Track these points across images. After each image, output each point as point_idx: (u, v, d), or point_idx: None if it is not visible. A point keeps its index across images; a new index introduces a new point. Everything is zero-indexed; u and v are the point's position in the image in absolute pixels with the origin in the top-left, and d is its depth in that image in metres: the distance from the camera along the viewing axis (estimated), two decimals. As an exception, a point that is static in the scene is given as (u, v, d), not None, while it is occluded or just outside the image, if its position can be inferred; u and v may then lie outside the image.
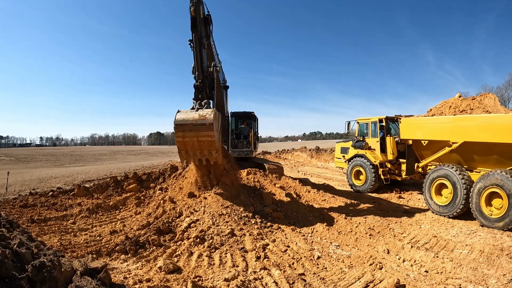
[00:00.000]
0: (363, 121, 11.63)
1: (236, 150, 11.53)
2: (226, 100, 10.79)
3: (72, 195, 9.64)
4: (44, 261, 2.27)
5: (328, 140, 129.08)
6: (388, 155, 10.59)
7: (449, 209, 7.48)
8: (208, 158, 7.08)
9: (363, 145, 11.12)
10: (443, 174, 7.78)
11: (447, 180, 7.66)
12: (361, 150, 11.14)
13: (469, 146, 7.47)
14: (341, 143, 13.00)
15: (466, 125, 7.47)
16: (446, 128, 7.87)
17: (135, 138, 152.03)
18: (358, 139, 11.49)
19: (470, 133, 7.30)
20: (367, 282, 4.35)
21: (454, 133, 7.64)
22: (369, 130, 11.32)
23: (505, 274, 4.36)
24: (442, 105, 9.30)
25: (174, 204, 7.75)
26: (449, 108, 8.79)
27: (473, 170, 7.73)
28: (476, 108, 8.21)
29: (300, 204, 8.38)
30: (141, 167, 15.61)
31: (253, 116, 11.99)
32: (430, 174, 8.21)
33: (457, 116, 8.02)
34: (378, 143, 10.84)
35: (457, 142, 7.56)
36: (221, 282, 4.19)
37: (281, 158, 26.11)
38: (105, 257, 5.27)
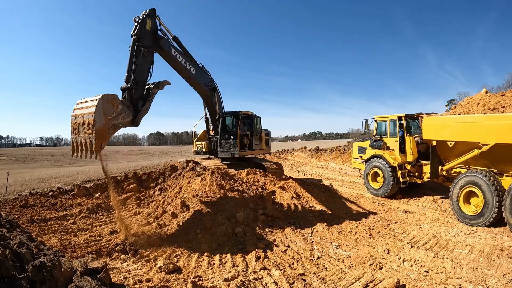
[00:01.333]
0: (382, 119, 10.85)
1: (224, 150, 11.53)
2: (217, 102, 10.84)
3: (72, 195, 9.64)
4: (44, 261, 2.27)
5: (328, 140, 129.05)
6: (408, 156, 9.78)
7: (481, 220, 6.74)
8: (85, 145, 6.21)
9: (381, 145, 10.36)
10: (473, 182, 6.99)
11: (477, 188, 6.89)
12: (379, 151, 10.37)
13: (501, 148, 6.72)
14: (359, 142, 12.14)
15: (499, 125, 6.64)
16: (476, 128, 7.04)
17: (135, 138, 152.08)
18: (376, 138, 10.77)
19: (504, 134, 6.53)
20: (367, 282, 4.35)
21: (485, 133, 6.85)
22: (388, 129, 10.52)
23: (505, 274, 4.35)
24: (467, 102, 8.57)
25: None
26: (477, 105, 8.06)
27: (504, 175, 7.02)
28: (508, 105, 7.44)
29: (300, 204, 8.39)
30: (141, 167, 15.61)
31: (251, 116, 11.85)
32: (457, 181, 7.39)
33: (489, 114, 7.20)
34: (397, 143, 10.06)
35: (489, 143, 6.76)
36: (221, 282, 4.19)
37: (281, 158, 26.10)
38: (105, 257, 5.27)
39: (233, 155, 11.19)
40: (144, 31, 7.85)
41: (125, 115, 6.87)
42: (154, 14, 8.25)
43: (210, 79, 10.61)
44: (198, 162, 11.59)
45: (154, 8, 8.26)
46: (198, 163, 11.30)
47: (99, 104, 6.06)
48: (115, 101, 6.53)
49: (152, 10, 8.20)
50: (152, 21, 8.14)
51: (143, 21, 7.88)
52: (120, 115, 6.69)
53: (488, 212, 6.62)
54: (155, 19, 8.27)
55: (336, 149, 23.69)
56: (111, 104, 6.44)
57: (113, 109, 6.47)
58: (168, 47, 8.72)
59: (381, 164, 10.09)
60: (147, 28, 7.91)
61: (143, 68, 7.84)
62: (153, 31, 8.16)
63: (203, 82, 10.32)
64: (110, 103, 6.38)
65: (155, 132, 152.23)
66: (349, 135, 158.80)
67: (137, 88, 7.59)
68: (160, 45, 8.39)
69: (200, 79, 10.12)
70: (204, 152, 12.55)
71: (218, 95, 11.06)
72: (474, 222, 6.85)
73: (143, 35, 7.82)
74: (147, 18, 7.97)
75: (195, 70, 9.71)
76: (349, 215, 7.81)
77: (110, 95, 6.42)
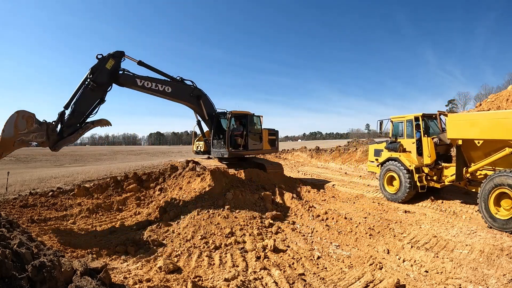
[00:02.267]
0: (398, 119, 10.23)
1: (215, 150, 11.51)
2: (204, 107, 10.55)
3: (72, 195, 9.64)
4: (44, 261, 2.27)
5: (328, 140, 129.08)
6: (425, 158, 9.10)
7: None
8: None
9: (397, 147, 9.74)
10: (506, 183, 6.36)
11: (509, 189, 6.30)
12: (395, 153, 9.76)
13: None
14: (375, 144, 11.60)
15: None
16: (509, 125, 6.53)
17: (135, 138, 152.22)
18: (391, 140, 10.18)
19: None
20: (367, 282, 4.35)
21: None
22: (404, 130, 9.89)
23: (505, 274, 4.35)
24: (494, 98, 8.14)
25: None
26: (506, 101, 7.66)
27: None
28: None
29: (300, 204, 8.39)
30: (141, 167, 15.62)
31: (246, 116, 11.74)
32: (488, 182, 6.74)
33: None
34: (414, 144, 9.40)
35: None
36: (221, 282, 4.19)
37: (281, 158, 26.11)
38: (105, 257, 5.27)
39: (223, 155, 11.15)
40: (102, 68, 7.89)
41: (37, 135, 7.03)
42: (120, 56, 8.23)
43: (191, 90, 10.12)
44: (198, 162, 11.59)
45: (122, 51, 8.25)
46: (198, 163, 11.31)
47: (13, 117, 6.50)
48: (30, 119, 6.79)
49: (119, 52, 8.18)
50: (115, 62, 8.13)
51: (105, 59, 7.94)
52: (32, 133, 6.90)
53: None
54: (119, 60, 8.23)
55: (336, 149, 23.69)
56: (26, 121, 6.72)
57: (26, 125, 6.72)
58: (132, 80, 8.57)
59: (397, 167, 9.45)
60: (106, 67, 7.93)
61: (87, 101, 7.86)
62: (113, 70, 8.12)
63: (182, 96, 9.97)
64: (24, 119, 6.68)
65: (155, 132, 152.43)
66: (349, 135, 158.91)
67: (72, 117, 7.63)
68: (121, 84, 8.38)
69: (178, 94, 9.78)
70: (203, 152, 12.56)
71: (206, 100, 10.65)
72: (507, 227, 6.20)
73: (100, 71, 7.86)
74: (110, 58, 8.00)
75: (171, 88, 9.40)
76: (349, 215, 7.81)
77: (26, 112, 6.72)
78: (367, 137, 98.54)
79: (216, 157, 11.83)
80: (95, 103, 8.06)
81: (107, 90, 8.24)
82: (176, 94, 9.67)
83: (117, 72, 8.24)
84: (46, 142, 7.28)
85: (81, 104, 7.76)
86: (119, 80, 8.30)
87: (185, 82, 10.07)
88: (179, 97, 9.91)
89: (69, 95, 7.68)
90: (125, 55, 8.35)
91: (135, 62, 8.75)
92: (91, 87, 7.74)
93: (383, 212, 8.21)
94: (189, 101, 10.22)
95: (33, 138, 6.99)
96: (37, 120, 6.95)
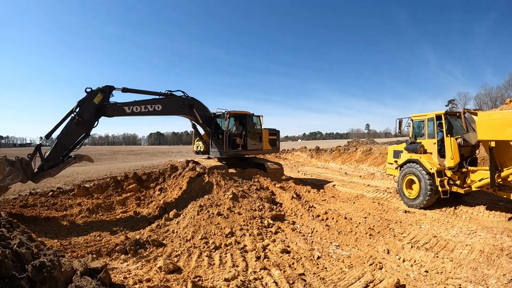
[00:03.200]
0: (418, 118, 9.48)
1: (214, 150, 11.54)
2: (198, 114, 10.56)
3: (72, 195, 9.64)
4: (44, 261, 2.27)
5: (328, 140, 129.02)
6: (447, 160, 8.29)
7: None
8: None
9: (418, 148, 8.97)
10: None
11: None
12: (415, 154, 8.98)
13: None
14: (394, 145, 10.74)
15: None
16: None
17: (135, 138, 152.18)
18: (411, 140, 9.50)
19: None
20: (367, 282, 4.35)
21: None
22: (425, 129, 9.14)
23: (505, 274, 4.35)
24: None
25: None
26: None
27: None
28: None
29: (300, 204, 8.39)
30: (141, 167, 15.61)
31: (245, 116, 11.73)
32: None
33: None
34: (435, 145, 8.63)
35: None
36: (221, 282, 4.19)
37: (281, 158, 26.10)
38: (105, 257, 5.27)
39: (221, 155, 11.18)
40: (89, 103, 7.83)
41: (13, 177, 7.03)
42: (110, 91, 8.19)
43: (182, 101, 10.08)
44: (198, 162, 11.60)
45: (112, 86, 8.23)
46: (198, 163, 11.31)
47: None
48: (1, 165, 6.80)
49: (108, 87, 8.15)
50: (104, 97, 8.06)
51: (93, 93, 7.88)
52: (8, 177, 6.91)
53: None
54: (108, 95, 8.18)
55: (336, 149, 23.69)
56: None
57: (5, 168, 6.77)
58: (120, 110, 8.54)
59: (417, 170, 8.63)
60: (94, 101, 7.88)
61: (72, 136, 7.84)
62: (100, 105, 8.07)
63: (174, 110, 10.01)
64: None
65: (155, 132, 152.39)
66: (349, 135, 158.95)
67: (54, 151, 7.65)
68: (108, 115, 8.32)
69: (169, 109, 9.80)
70: (203, 152, 12.59)
71: (198, 107, 10.61)
72: None
73: (86, 106, 7.79)
74: (99, 92, 7.94)
75: (161, 105, 9.41)
76: (349, 215, 7.80)
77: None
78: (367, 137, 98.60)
79: (215, 157, 11.85)
80: (80, 137, 8.03)
81: (94, 126, 8.18)
82: (167, 110, 9.69)
83: (102, 107, 8.15)
84: (25, 178, 7.29)
85: (65, 139, 7.73)
86: (107, 113, 8.24)
87: (175, 95, 9.98)
88: (171, 112, 9.93)
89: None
90: (114, 88, 8.31)
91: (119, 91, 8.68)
92: (76, 121, 7.67)
93: (383, 212, 8.21)
94: (182, 112, 10.23)
95: (11, 181, 7.01)
96: (8, 161, 6.95)
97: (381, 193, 10.89)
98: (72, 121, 7.70)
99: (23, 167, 7.19)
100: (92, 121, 8.04)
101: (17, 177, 7.07)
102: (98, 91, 7.94)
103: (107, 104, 8.26)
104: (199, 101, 10.68)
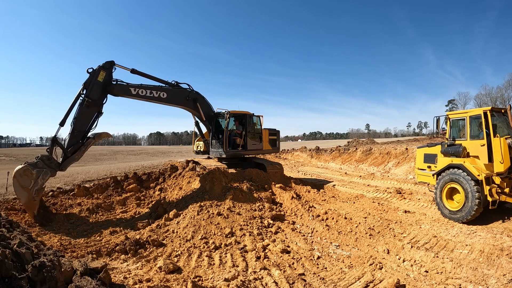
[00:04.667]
0: (457, 115, 8.33)
1: (214, 150, 11.53)
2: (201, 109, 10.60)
3: (72, 195, 9.63)
4: (44, 261, 2.27)
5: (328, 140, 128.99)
6: (496, 164, 7.14)
7: None
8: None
9: (460, 151, 7.70)
10: None
11: None
12: (457, 159, 7.70)
13: None
14: (425, 148, 9.18)
15: None
16: None
17: (135, 138, 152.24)
18: (451, 142, 8.16)
19: None
20: (367, 282, 4.35)
21: None
22: (467, 129, 7.94)
23: (505, 274, 4.35)
24: None
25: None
26: None
27: None
28: None
29: (300, 204, 8.39)
30: (141, 167, 15.60)
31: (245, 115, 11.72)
32: None
33: None
34: (484, 147, 7.42)
35: None
36: (221, 282, 4.19)
37: (281, 158, 26.10)
38: (105, 257, 5.27)
39: (221, 155, 11.15)
40: (94, 82, 7.84)
41: (43, 175, 7.28)
42: (111, 66, 8.16)
43: (187, 93, 10.13)
44: (198, 162, 11.59)
45: (112, 61, 8.19)
46: (198, 163, 11.30)
47: (15, 183, 6.92)
48: (27, 171, 7.09)
49: (108, 62, 8.11)
50: (106, 73, 8.05)
51: (96, 72, 7.87)
52: (38, 179, 7.17)
53: None
54: (110, 71, 8.15)
55: (336, 149, 23.69)
56: (26, 176, 7.04)
57: (29, 178, 7.05)
58: (126, 90, 8.55)
59: (461, 177, 7.36)
60: (98, 80, 7.89)
61: (85, 118, 7.90)
62: (105, 82, 8.07)
63: (178, 101, 10.01)
64: (24, 175, 7.03)
65: (155, 132, 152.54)
66: (349, 135, 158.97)
67: (72, 137, 7.78)
68: (115, 94, 8.35)
69: (174, 99, 9.81)
70: (203, 152, 12.57)
71: (203, 102, 10.66)
72: None
73: (92, 86, 7.82)
74: (101, 69, 7.94)
75: (166, 93, 9.43)
76: (349, 215, 7.80)
77: (20, 169, 7.03)
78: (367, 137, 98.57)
79: (215, 157, 11.84)
80: (93, 117, 8.08)
81: (103, 103, 8.21)
82: (171, 99, 9.68)
83: (110, 84, 8.16)
84: (53, 172, 7.57)
85: (80, 122, 7.81)
86: (113, 91, 8.24)
87: (181, 86, 10.04)
88: (175, 102, 9.91)
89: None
90: (115, 64, 8.30)
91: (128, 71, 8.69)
92: (87, 103, 7.73)
93: (383, 212, 8.20)
94: (186, 105, 10.22)
95: (43, 181, 7.31)
96: (32, 165, 7.19)
97: (381, 193, 10.89)
98: (82, 104, 7.77)
99: (46, 163, 7.36)
100: (101, 99, 8.10)
101: (46, 174, 7.30)
102: (100, 69, 7.94)
103: (115, 81, 8.32)
104: (204, 97, 10.74)
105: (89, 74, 7.87)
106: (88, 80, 7.80)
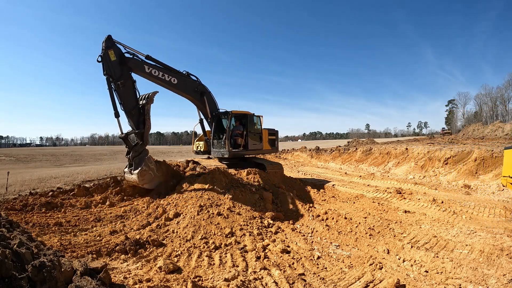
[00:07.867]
0: None
1: (215, 150, 11.56)
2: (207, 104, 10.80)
3: (72, 195, 9.63)
4: (44, 261, 2.27)
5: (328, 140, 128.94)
6: None
7: None
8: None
9: None
10: None
11: None
12: None
13: None
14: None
15: None
16: None
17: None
18: None
19: None
20: (367, 282, 4.35)
21: None
22: None
23: (505, 274, 4.35)
24: None
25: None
26: None
27: None
28: None
29: (300, 204, 8.38)
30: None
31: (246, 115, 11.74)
32: None
33: None
34: None
35: None
36: (221, 282, 4.19)
37: (281, 158, 26.10)
38: (105, 257, 5.26)
39: (223, 155, 11.17)
40: (111, 64, 7.99)
41: (148, 162, 8.59)
42: (112, 41, 8.25)
43: (196, 85, 10.48)
44: (198, 162, 11.58)
45: (109, 35, 8.25)
46: (198, 163, 11.29)
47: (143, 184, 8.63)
48: (143, 172, 8.44)
49: (107, 39, 8.16)
50: (114, 50, 8.19)
51: (106, 56, 8.00)
52: (150, 166, 8.63)
53: None
54: (116, 45, 8.27)
55: (336, 149, 23.69)
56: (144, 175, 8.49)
57: (147, 173, 8.52)
58: (140, 65, 8.78)
59: None
60: (112, 60, 8.03)
61: (128, 96, 8.27)
62: (119, 59, 8.23)
63: (187, 90, 10.28)
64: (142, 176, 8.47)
65: (155, 132, 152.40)
66: (349, 135, 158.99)
67: (131, 116, 8.37)
68: (130, 68, 8.51)
69: (183, 87, 10.07)
70: (203, 152, 12.56)
71: (209, 98, 10.91)
72: None
73: (112, 69, 7.99)
74: (107, 51, 8.07)
75: (177, 80, 9.72)
76: (349, 215, 7.80)
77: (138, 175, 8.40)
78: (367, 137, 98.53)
79: (216, 157, 11.83)
80: (133, 90, 8.44)
81: (130, 73, 8.50)
82: (181, 86, 9.95)
83: (124, 57, 8.39)
84: (147, 152, 8.72)
85: (128, 103, 8.27)
86: (128, 63, 8.45)
87: (191, 77, 10.34)
88: (184, 90, 10.17)
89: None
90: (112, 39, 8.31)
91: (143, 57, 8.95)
92: (120, 84, 8.04)
93: (383, 212, 8.20)
94: (193, 96, 10.51)
95: (152, 165, 8.69)
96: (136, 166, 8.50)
97: (381, 193, 10.89)
98: (118, 88, 8.07)
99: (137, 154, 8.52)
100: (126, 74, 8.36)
101: (148, 159, 8.60)
102: (106, 50, 8.05)
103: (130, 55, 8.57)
104: (211, 93, 11.03)
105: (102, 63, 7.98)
106: (105, 67, 7.96)
